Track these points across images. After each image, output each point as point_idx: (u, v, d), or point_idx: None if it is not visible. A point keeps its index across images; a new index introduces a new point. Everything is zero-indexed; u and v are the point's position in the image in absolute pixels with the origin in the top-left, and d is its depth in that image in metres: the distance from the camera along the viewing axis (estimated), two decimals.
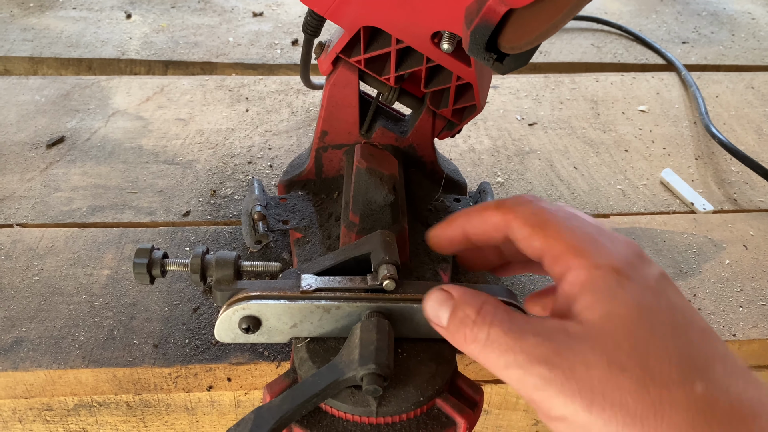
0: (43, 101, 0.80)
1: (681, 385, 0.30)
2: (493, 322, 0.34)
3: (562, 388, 0.31)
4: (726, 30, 1.06)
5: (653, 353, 0.31)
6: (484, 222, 0.40)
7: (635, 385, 0.30)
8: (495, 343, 0.34)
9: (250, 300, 0.41)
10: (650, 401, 0.30)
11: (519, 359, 0.33)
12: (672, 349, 0.31)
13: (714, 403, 0.30)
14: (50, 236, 0.60)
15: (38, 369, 0.49)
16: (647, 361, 0.31)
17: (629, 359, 0.31)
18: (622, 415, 0.30)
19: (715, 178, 0.73)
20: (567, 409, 0.31)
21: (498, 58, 0.40)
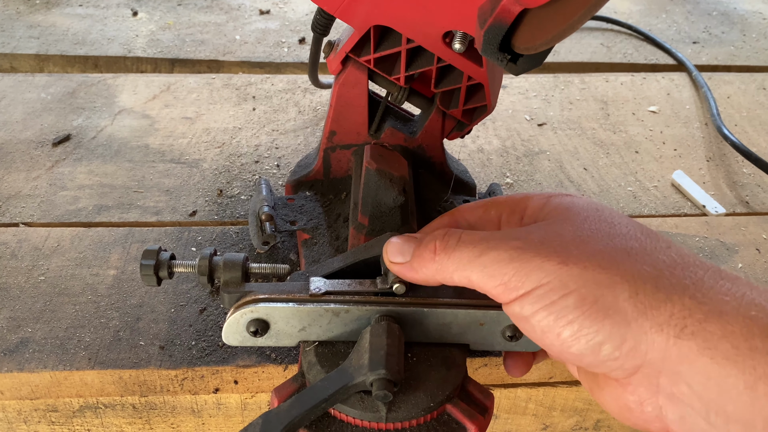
0: (49, 99, 0.80)
1: (649, 242, 0.34)
2: (461, 235, 0.37)
3: (537, 251, 0.33)
4: (737, 30, 1.05)
5: (619, 224, 0.35)
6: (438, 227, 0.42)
7: (606, 239, 0.34)
8: (467, 241, 0.36)
9: (259, 303, 0.41)
10: (623, 249, 0.33)
11: (492, 244, 0.35)
12: (638, 230, 0.35)
13: (685, 254, 0.34)
14: (56, 236, 0.60)
15: (44, 370, 0.48)
16: (613, 228, 0.34)
17: (598, 226, 0.35)
18: (597, 262, 0.32)
19: (726, 180, 0.72)
20: (541, 272, 0.33)
21: (512, 58, 0.39)
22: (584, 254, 0.33)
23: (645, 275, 0.32)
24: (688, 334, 0.30)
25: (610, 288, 0.31)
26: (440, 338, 0.43)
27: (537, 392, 0.54)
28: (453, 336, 0.43)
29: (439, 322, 0.42)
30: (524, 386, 0.54)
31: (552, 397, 0.55)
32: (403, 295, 0.42)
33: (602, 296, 0.31)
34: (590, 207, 0.37)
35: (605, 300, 0.31)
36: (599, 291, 0.31)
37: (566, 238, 0.34)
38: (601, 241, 0.34)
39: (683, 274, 0.32)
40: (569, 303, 0.32)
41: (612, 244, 0.34)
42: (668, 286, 0.31)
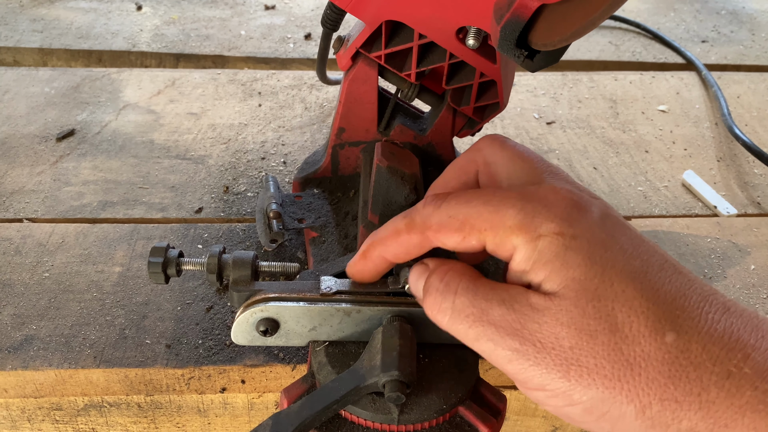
0: (53, 93, 0.79)
1: (652, 338, 0.30)
2: (458, 290, 0.34)
3: (536, 360, 0.31)
4: (746, 29, 1.04)
5: (619, 311, 0.31)
6: (404, 246, 0.37)
7: (607, 348, 0.30)
8: (462, 313, 0.33)
9: (269, 302, 0.40)
10: (624, 361, 0.30)
11: (488, 332, 0.32)
12: (637, 302, 0.31)
13: (686, 349, 0.30)
14: (60, 231, 0.59)
15: (48, 368, 0.47)
16: (615, 321, 0.31)
17: (597, 323, 0.31)
18: (600, 378, 0.30)
19: (738, 181, 0.71)
20: (544, 379, 0.31)
21: (529, 55, 0.39)
22: (585, 368, 0.31)
23: (650, 394, 0.30)
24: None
25: (615, 407, 0.30)
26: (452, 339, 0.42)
27: None
28: None
29: None
30: None
31: None
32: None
33: (608, 412, 0.31)
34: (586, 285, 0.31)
35: (612, 414, 0.31)
36: (605, 408, 0.31)
37: (564, 345, 0.31)
38: (601, 353, 0.31)
39: (688, 381, 0.30)
40: (576, 411, 0.31)
41: (614, 355, 0.30)
42: (673, 404, 0.30)
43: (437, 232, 0.35)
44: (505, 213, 0.33)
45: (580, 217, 0.33)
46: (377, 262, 0.39)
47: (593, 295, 0.31)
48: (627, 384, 0.30)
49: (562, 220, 0.33)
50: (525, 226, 0.33)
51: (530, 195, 0.34)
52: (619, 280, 0.31)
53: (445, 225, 0.35)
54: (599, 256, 0.32)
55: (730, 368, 0.29)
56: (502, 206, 0.34)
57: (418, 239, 0.36)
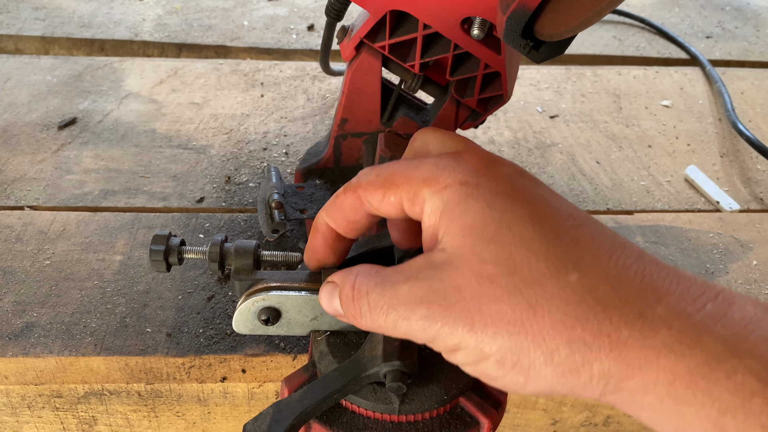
0: (54, 81, 0.79)
1: (553, 278, 0.29)
2: (368, 289, 0.33)
3: (444, 320, 0.30)
4: (750, 25, 1.04)
5: (517, 253, 0.30)
6: (341, 208, 0.37)
7: (508, 292, 0.29)
8: (377, 308, 0.33)
9: (271, 291, 0.40)
10: (526, 303, 0.29)
11: (401, 311, 0.31)
12: (536, 243, 0.30)
13: (593, 288, 0.29)
14: (62, 219, 0.59)
15: (49, 355, 0.47)
16: (513, 263, 0.29)
17: (495, 267, 0.30)
18: (503, 325, 0.29)
19: (740, 177, 0.71)
20: (455, 337, 0.30)
21: (534, 45, 0.38)
22: (489, 317, 0.30)
23: (556, 337, 0.29)
24: (609, 394, 0.29)
25: (524, 354, 0.29)
26: None
27: None
28: None
29: None
30: None
31: None
32: None
33: (519, 361, 0.30)
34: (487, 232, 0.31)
35: (523, 363, 0.30)
36: (515, 356, 0.30)
37: (466, 295, 0.30)
38: (504, 297, 0.29)
39: (596, 321, 0.28)
40: (490, 366, 0.30)
41: (515, 298, 0.29)
42: (582, 346, 0.28)
43: (365, 190, 0.35)
44: (421, 168, 0.33)
45: (487, 171, 0.33)
46: (324, 231, 0.38)
47: (489, 240, 0.30)
48: (531, 328, 0.29)
49: (468, 172, 0.32)
50: (434, 177, 0.33)
51: (447, 155, 0.34)
52: (518, 223, 0.30)
53: (372, 183, 0.35)
54: (499, 203, 0.31)
55: (643, 309, 0.28)
56: (420, 164, 0.34)
57: (352, 199, 0.36)
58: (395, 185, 0.34)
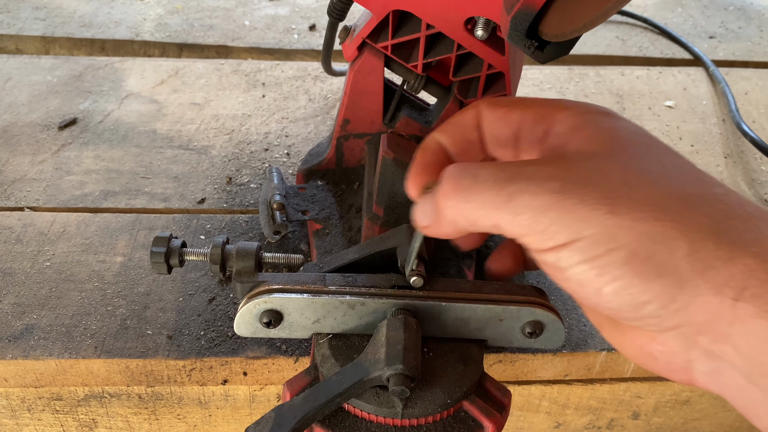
0: (55, 82, 0.78)
1: (704, 186, 0.29)
2: (479, 167, 0.32)
3: (580, 197, 0.29)
4: (754, 25, 1.03)
5: (669, 163, 0.31)
6: (456, 124, 0.37)
7: (658, 185, 0.29)
8: (486, 183, 0.31)
9: (273, 293, 0.40)
10: (677, 198, 0.29)
11: (522, 186, 0.30)
12: (685, 163, 0.31)
13: (740, 203, 0.29)
14: (62, 221, 0.58)
15: (49, 358, 0.47)
16: (663, 166, 0.30)
17: (647, 164, 0.30)
18: (651, 211, 0.28)
19: (745, 178, 0.71)
20: (584, 223, 0.28)
21: (539, 46, 0.38)
22: (635, 202, 0.28)
23: (704, 229, 0.28)
24: (748, 297, 0.27)
25: (665, 244, 0.28)
26: (457, 333, 0.42)
27: (551, 390, 0.53)
28: (470, 331, 0.42)
29: (457, 316, 0.41)
30: (538, 384, 0.53)
31: (566, 395, 0.54)
32: (420, 289, 0.41)
33: (656, 253, 0.28)
34: (636, 138, 0.32)
35: (659, 257, 0.28)
36: (653, 247, 0.28)
37: (613, 179, 0.29)
38: (654, 186, 0.29)
39: (744, 226, 0.28)
40: (616, 259, 0.28)
41: (666, 190, 0.29)
42: (729, 242, 0.27)
43: (487, 105, 0.36)
44: (558, 100, 0.35)
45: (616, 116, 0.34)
46: (432, 148, 0.37)
47: (640, 145, 0.31)
48: (681, 219, 0.28)
49: (609, 108, 0.35)
50: (573, 106, 0.34)
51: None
52: (667, 151, 0.32)
53: (497, 100, 0.36)
54: (643, 133, 0.33)
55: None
56: (558, 99, 0.36)
57: (471, 114, 0.36)
58: (524, 106, 0.35)
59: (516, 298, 0.41)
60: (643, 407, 0.56)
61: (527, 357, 0.50)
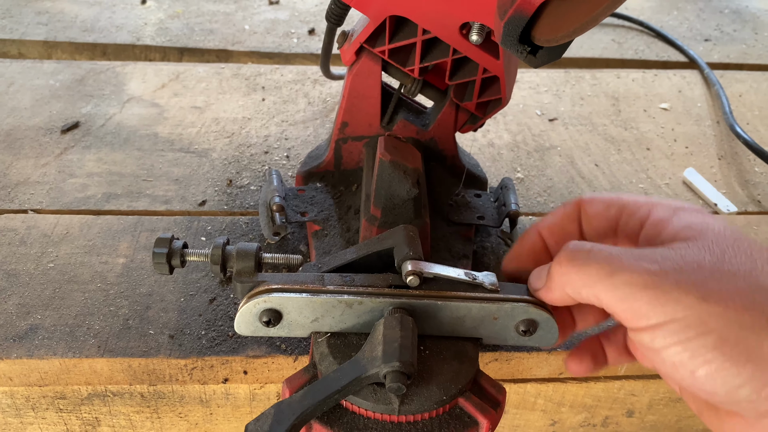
0: (57, 86, 0.79)
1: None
2: (593, 245, 0.35)
3: (675, 282, 0.31)
4: (749, 28, 1.04)
5: (756, 254, 0.33)
6: (557, 217, 0.42)
7: (747, 275, 0.32)
8: (597, 257, 0.34)
9: (272, 293, 0.41)
10: (765, 288, 0.31)
11: (624, 263, 0.33)
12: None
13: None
14: (65, 223, 0.59)
15: (53, 357, 0.48)
16: (753, 258, 0.32)
17: (737, 257, 0.33)
18: (740, 300, 0.31)
19: (738, 179, 0.72)
20: (677, 305, 0.31)
21: (531, 50, 0.39)
22: (725, 291, 0.31)
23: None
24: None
25: (753, 331, 0.30)
26: (453, 332, 0.43)
27: (546, 388, 0.54)
28: (466, 330, 0.42)
29: (452, 315, 0.42)
30: (534, 382, 0.54)
31: (561, 393, 0.55)
32: (416, 288, 0.42)
33: (745, 338, 0.30)
34: (727, 234, 0.35)
35: (748, 343, 0.30)
36: (742, 333, 0.30)
37: (705, 269, 0.32)
38: (743, 278, 0.32)
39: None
40: (708, 342, 0.31)
41: (754, 282, 0.32)
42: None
43: (589, 201, 0.41)
44: (656, 200, 0.40)
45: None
46: (532, 238, 0.42)
47: (734, 240, 0.34)
48: (764, 309, 0.30)
49: (696, 206, 0.39)
50: (666, 202, 0.38)
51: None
52: (756, 247, 0.34)
53: (598, 197, 0.41)
54: (732, 228, 0.36)
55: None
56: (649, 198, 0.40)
57: (571, 208, 0.41)
58: (621, 202, 0.40)
59: (510, 297, 0.42)
60: (638, 405, 0.57)
61: (522, 355, 0.51)
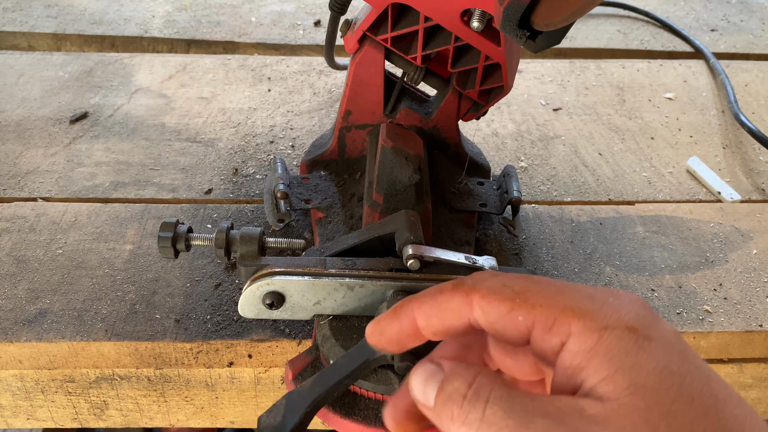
0: (66, 77, 0.80)
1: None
2: (490, 399, 0.27)
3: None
4: (756, 18, 1.04)
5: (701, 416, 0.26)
6: (441, 308, 0.31)
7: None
8: (494, 426, 0.27)
9: (275, 276, 0.41)
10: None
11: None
12: (712, 428, 0.26)
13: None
14: (73, 210, 0.60)
15: (61, 341, 0.49)
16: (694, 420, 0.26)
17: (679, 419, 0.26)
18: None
19: (742, 168, 0.72)
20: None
21: (531, 35, 0.39)
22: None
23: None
24: None
25: None
26: None
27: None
28: None
29: None
30: None
31: None
32: (417, 271, 0.42)
33: None
34: (666, 382, 0.26)
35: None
36: None
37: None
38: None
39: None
40: None
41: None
42: None
43: (483, 297, 0.30)
44: (570, 295, 0.29)
45: (655, 321, 0.28)
46: (404, 321, 0.32)
47: (668, 412, 0.26)
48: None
49: (636, 317, 0.28)
50: (591, 312, 0.28)
51: (604, 290, 0.30)
52: (700, 400, 0.26)
53: (496, 291, 0.30)
54: (677, 369, 0.27)
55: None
56: (566, 288, 0.29)
57: (460, 302, 0.31)
58: (529, 304, 0.29)
59: None
60: None
61: None
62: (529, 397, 0.27)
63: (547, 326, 0.28)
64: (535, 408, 0.27)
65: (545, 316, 0.29)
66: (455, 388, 0.29)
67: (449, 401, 0.28)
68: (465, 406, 0.28)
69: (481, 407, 0.27)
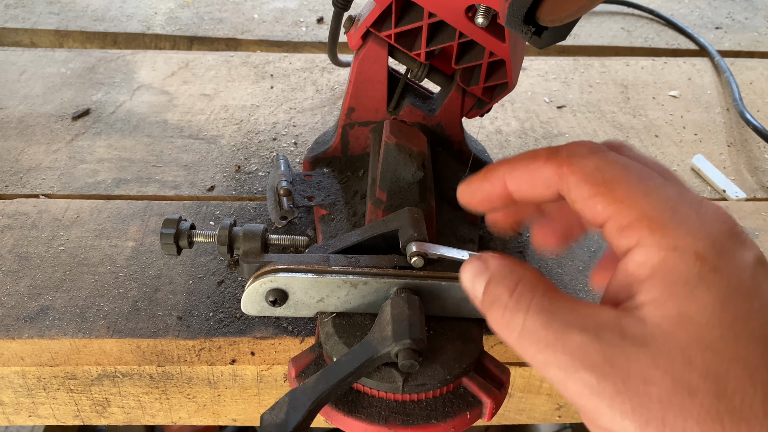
0: (68, 74, 0.80)
1: (765, 420, 0.24)
2: (530, 308, 0.28)
3: (612, 401, 0.26)
4: (761, 16, 1.03)
5: (734, 375, 0.25)
6: (532, 175, 0.32)
7: (704, 415, 0.24)
8: (532, 336, 0.28)
9: (278, 273, 0.41)
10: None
11: (561, 360, 0.27)
12: (761, 371, 0.25)
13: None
14: (75, 207, 0.60)
15: (63, 337, 0.49)
16: (725, 385, 0.25)
17: (702, 380, 0.25)
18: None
19: (748, 166, 0.71)
20: (616, 424, 0.26)
21: (536, 31, 0.39)
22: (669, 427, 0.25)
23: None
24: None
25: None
26: (457, 312, 0.43)
27: None
28: (470, 311, 0.43)
29: (457, 296, 0.42)
30: None
31: None
32: (421, 269, 0.42)
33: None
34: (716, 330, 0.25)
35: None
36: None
37: (653, 391, 0.25)
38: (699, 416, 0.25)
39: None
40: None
41: (710, 425, 0.25)
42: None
43: (574, 174, 0.30)
44: (653, 202, 0.28)
45: (732, 249, 0.27)
46: (495, 183, 0.33)
47: (709, 346, 0.25)
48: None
49: (711, 244, 0.27)
50: (665, 228, 0.27)
51: (691, 201, 0.28)
52: (749, 340, 0.25)
53: (587, 173, 0.29)
54: (734, 304, 0.26)
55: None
56: (654, 193, 0.28)
57: (551, 173, 0.31)
58: (610, 197, 0.29)
59: None
60: None
61: None
62: (570, 308, 0.28)
63: (621, 226, 0.28)
64: (574, 321, 0.27)
65: (622, 215, 0.28)
66: (497, 295, 0.30)
67: (493, 306, 0.30)
68: (506, 314, 0.29)
69: (521, 316, 0.28)
